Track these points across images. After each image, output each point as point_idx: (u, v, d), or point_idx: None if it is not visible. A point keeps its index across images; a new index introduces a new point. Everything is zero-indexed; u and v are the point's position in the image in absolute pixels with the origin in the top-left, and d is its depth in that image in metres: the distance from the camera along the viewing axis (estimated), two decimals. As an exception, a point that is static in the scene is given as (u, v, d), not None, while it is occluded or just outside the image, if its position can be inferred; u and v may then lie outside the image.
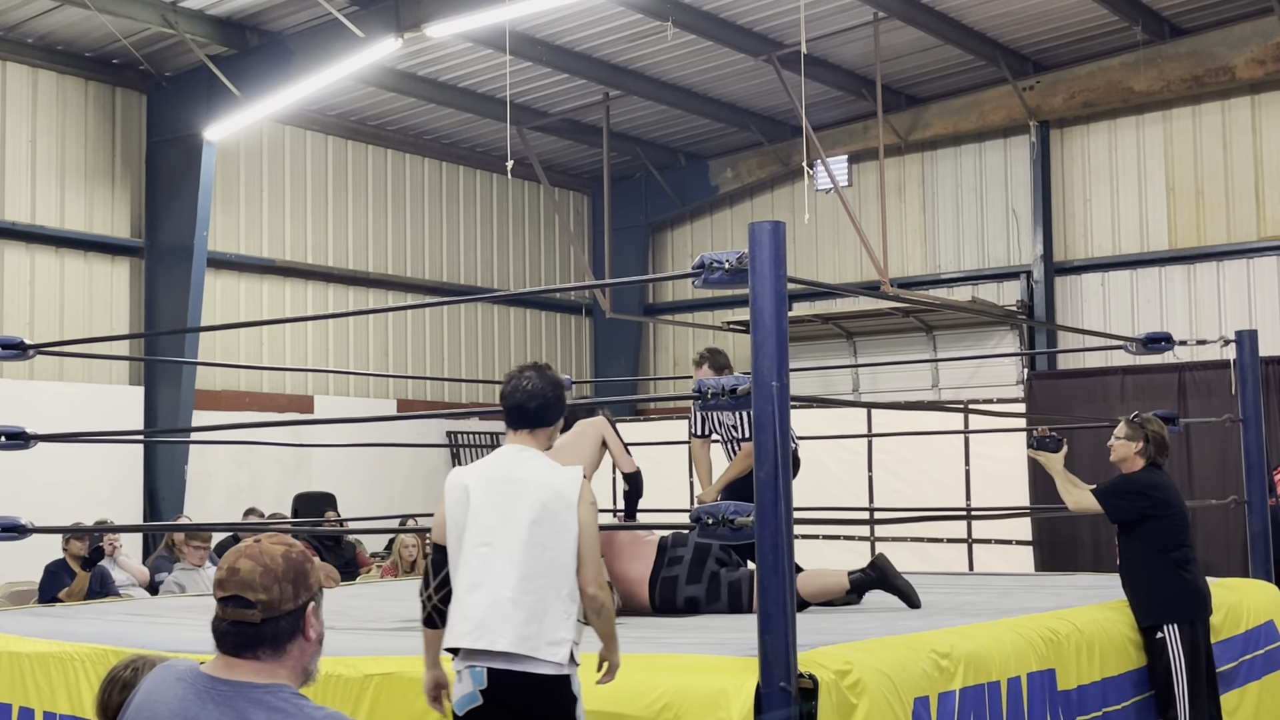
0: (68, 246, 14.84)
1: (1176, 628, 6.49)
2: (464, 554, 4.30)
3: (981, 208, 18.11)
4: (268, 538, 2.95)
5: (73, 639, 6.18)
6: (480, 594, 4.21)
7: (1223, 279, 16.29)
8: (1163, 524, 6.62)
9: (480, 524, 4.31)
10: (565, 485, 4.34)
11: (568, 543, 4.27)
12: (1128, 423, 6.80)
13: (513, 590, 4.19)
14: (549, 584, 4.23)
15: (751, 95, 17.88)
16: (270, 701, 2.80)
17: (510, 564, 4.23)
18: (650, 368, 20.59)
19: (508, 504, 4.31)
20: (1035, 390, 15.36)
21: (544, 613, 4.19)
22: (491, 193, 19.80)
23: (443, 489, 4.42)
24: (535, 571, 4.23)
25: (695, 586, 6.84)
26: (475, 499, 4.34)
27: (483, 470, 4.45)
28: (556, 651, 4.16)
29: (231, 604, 2.86)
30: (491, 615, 4.17)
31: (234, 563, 2.89)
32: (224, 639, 2.88)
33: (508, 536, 4.26)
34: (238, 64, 14.72)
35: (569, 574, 4.26)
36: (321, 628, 2.95)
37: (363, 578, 12.12)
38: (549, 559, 4.25)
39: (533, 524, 4.26)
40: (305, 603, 2.89)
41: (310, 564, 2.94)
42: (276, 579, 2.85)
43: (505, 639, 4.16)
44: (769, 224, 4.64)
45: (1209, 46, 16.03)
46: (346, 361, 17.44)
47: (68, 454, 13.11)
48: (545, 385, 4.50)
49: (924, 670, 4.99)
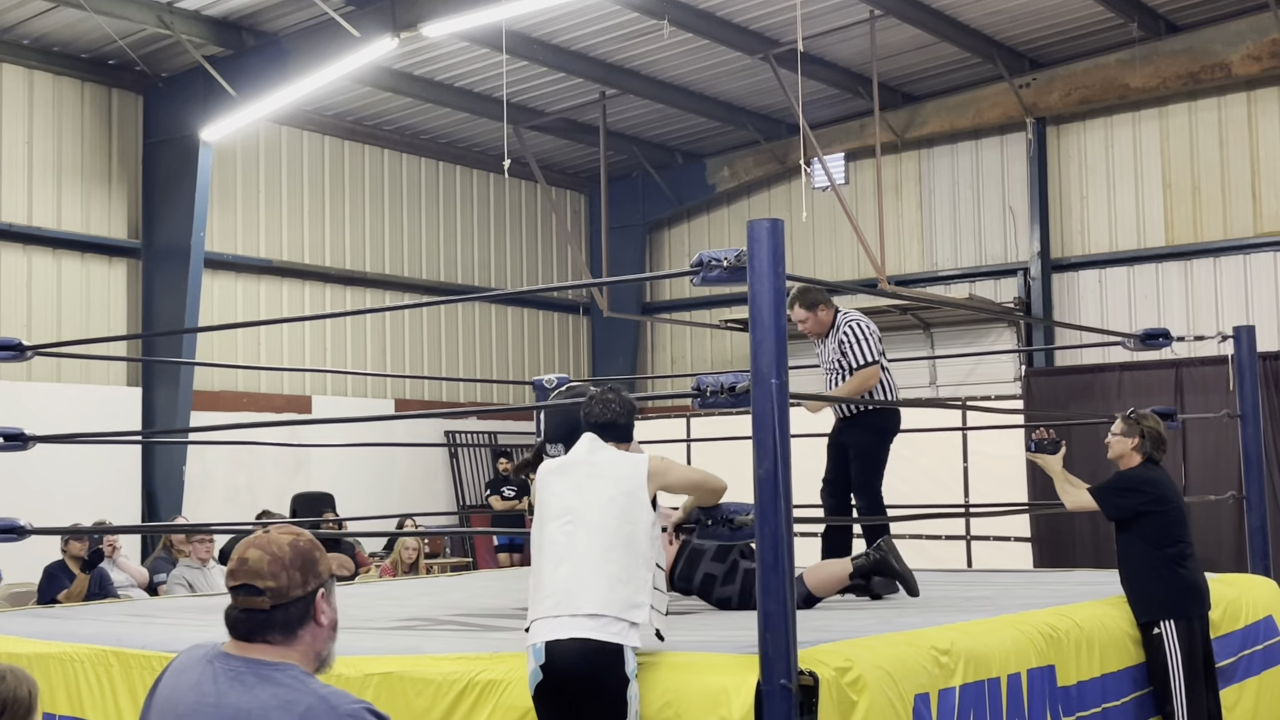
0: (65, 248, 14.83)
1: (1174, 624, 6.50)
2: (547, 533, 4.70)
3: (978, 205, 18.12)
4: (276, 529, 3.03)
5: (72, 640, 6.18)
6: (566, 566, 4.59)
7: (1219, 275, 16.30)
8: (1159, 520, 6.63)
9: (562, 503, 4.73)
10: (637, 463, 4.83)
11: (644, 516, 4.71)
12: (1124, 419, 6.81)
13: (596, 560, 4.57)
14: (629, 554, 4.62)
15: (748, 94, 17.88)
16: (277, 677, 2.88)
17: (592, 537, 4.62)
18: (648, 366, 20.58)
19: (587, 483, 4.75)
20: (1033, 387, 15.36)
21: (626, 580, 4.57)
22: (488, 192, 19.80)
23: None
24: (615, 542, 4.61)
25: (718, 565, 6.89)
26: (555, 483, 4.81)
27: (562, 460, 4.97)
28: (638, 613, 4.53)
29: (242, 592, 2.94)
30: (576, 584, 4.54)
31: (243, 553, 2.97)
32: (235, 626, 2.96)
33: (588, 511, 4.68)
34: (234, 64, 14.71)
35: (645, 546, 4.68)
36: (334, 614, 3.03)
37: (362, 577, 12.12)
38: (627, 531, 4.65)
39: (609, 500, 4.69)
40: (315, 589, 2.96)
41: (319, 551, 3.01)
42: (284, 566, 2.92)
43: (591, 603, 4.50)
44: (768, 222, 4.64)
45: (1205, 43, 16.04)
46: (344, 361, 17.44)
47: (66, 455, 13.12)
48: (627, 404, 5.08)
49: (924, 667, 4.99)
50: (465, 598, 8.10)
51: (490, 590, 8.49)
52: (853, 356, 7.61)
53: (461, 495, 18.53)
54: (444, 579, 10.38)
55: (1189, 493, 11.05)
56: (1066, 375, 16.01)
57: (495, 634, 6.14)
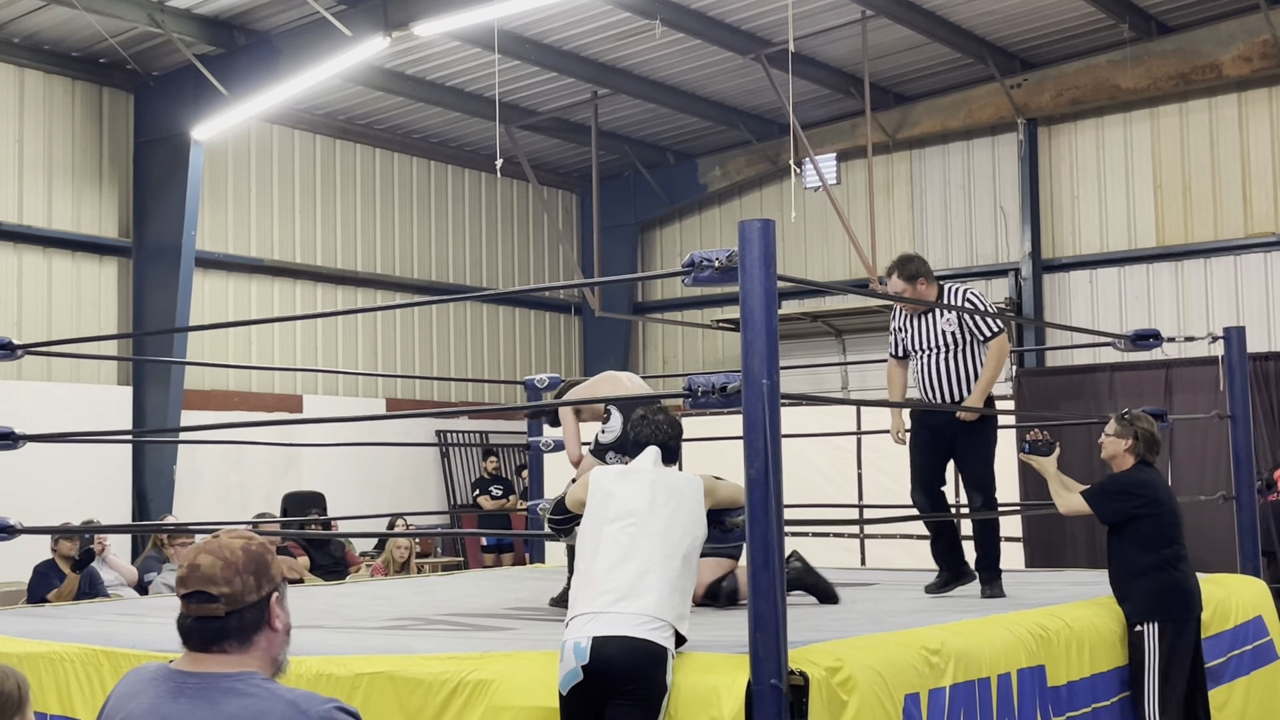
0: (55, 246, 14.80)
1: (1157, 625, 6.47)
2: (606, 533, 4.80)
3: (970, 205, 18.14)
4: (226, 533, 2.95)
5: (62, 639, 6.17)
6: (629, 567, 4.67)
7: (1210, 276, 16.33)
8: (1152, 523, 6.61)
9: (625, 506, 4.85)
10: (695, 480, 5.05)
11: (700, 533, 4.91)
12: (1118, 419, 6.79)
13: (659, 564, 4.69)
14: (686, 566, 4.78)
15: (740, 94, 17.89)
16: (241, 689, 2.80)
17: (654, 542, 4.74)
18: (640, 366, 20.57)
19: (654, 491, 4.90)
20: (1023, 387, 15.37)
21: (681, 590, 4.71)
22: (480, 192, 19.80)
23: (587, 478, 5.13)
24: (677, 551, 4.76)
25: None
26: (617, 487, 4.94)
27: (623, 467, 5.17)
28: (684, 625, 4.66)
29: (195, 599, 2.85)
30: (639, 584, 4.61)
31: (194, 559, 2.88)
32: (190, 635, 2.87)
33: (654, 518, 4.80)
34: (225, 63, 14.70)
35: (695, 561, 4.88)
36: (288, 618, 2.95)
37: (352, 577, 12.11)
38: (688, 543, 4.83)
39: (675, 510, 4.85)
40: (268, 594, 2.89)
41: (271, 555, 2.94)
42: (238, 571, 2.84)
43: (649, 604, 4.57)
44: (759, 222, 4.64)
45: (1196, 44, 16.07)
46: (335, 361, 17.42)
47: (56, 454, 13.09)
48: (677, 427, 5.32)
49: (914, 667, 5.00)
50: (457, 597, 8.09)
51: (482, 590, 8.48)
52: (984, 325, 7.16)
53: (453, 495, 18.52)
54: (435, 578, 10.38)
55: (1178, 493, 11.06)
56: (1057, 375, 16.02)
57: (487, 634, 6.14)
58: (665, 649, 4.53)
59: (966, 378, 7.29)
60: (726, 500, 5.18)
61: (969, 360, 7.29)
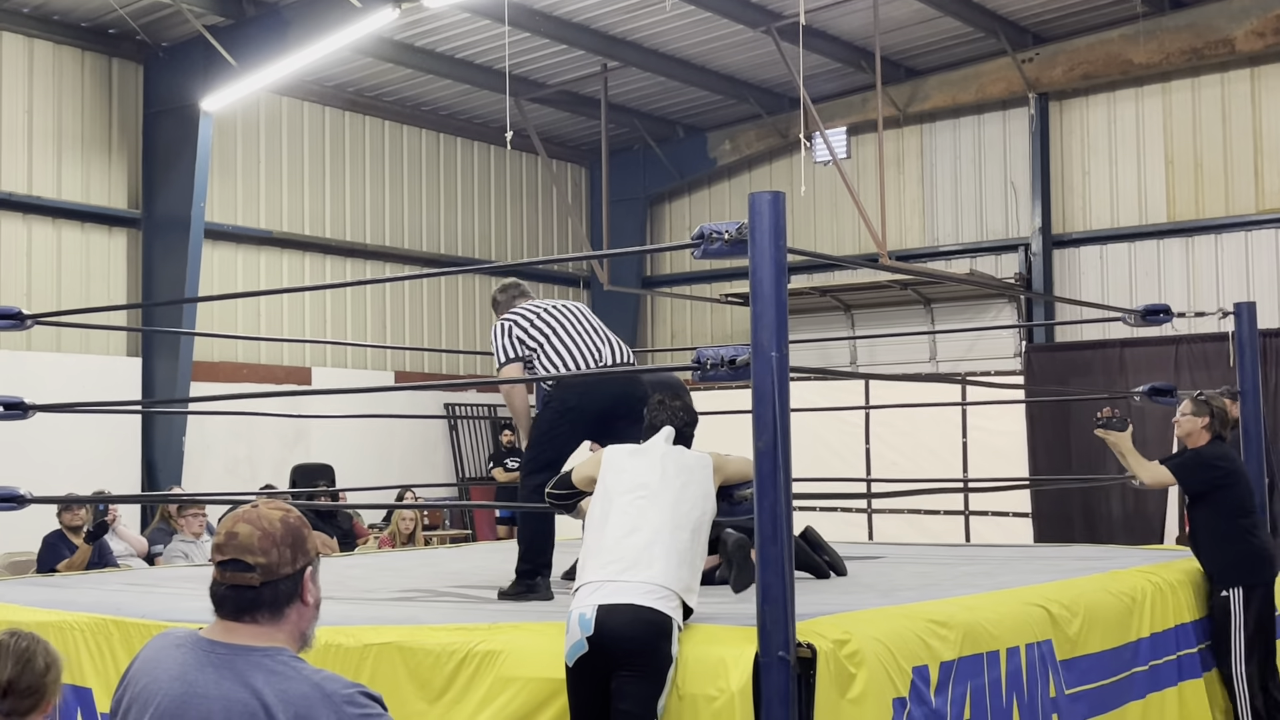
0: (65, 217, 14.80)
1: (1242, 590, 7.00)
2: (616, 505, 4.86)
3: (980, 180, 18.08)
4: (265, 503, 2.95)
5: (71, 608, 6.19)
6: (637, 537, 4.72)
7: (1221, 252, 16.27)
8: (1232, 493, 7.25)
9: (636, 479, 4.93)
10: (704, 457, 5.14)
11: (710, 507, 4.98)
12: (1193, 400, 7.40)
13: (668, 535, 4.73)
14: (695, 539, 4.83)
15: (750, 67, 17.83)
16: (269, 664, 2.81)
17: (664, 514, 4.80)
18: (648, 340, 20.57)
19: (665, 465, 4.99)
20: (1033, 362, 15.39)
21: (689, 562, 4.75)
22: (489, 164, 19.76)
23: (601, 455, 5.22)
24: (685, 524, 4.82)
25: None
26: (629, 462, 5.04)
27: (635, 446, 5.21)
28: (691, 597, 4.71)
29: (230, 568, 2.86)
30: (645, 554, 4.66)
31: (232, 527, 2.89)
32: (223, 603, 2.88)
33: (665, 491, 4.88)
34: (235, 34, 14.66)
35: (704, 536, 4.92)
36: (319, 593, 2.96)
37: (360, 548, 12.14)
38: (696, 517, 4.88)
39: (685, 484, 4.92)
40: (303, 567, 2.90)
41: (307, 529, 2.95)
42: (275, 543, 2.86)
43: (656, 574, 4.62)
44: (769, 194, 4.62)
45: (1208, 19, 15.98)
46: (344, 333, 17.42)
47: (65, 425, 13.12)
48: (692, 414, 5.45)
49: (922, 640, 5.01)
50: (465, 569, 8.12)
51: (490, 562, 8.51)
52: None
53: (461, 467, 18.54)
54: (443, 550, 10.40)
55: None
56: (1067, 351, 16.03)
57: (494, 605, 6.15)
58: (670, 619, 4.53)
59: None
60: (737, 475, 5.19)
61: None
